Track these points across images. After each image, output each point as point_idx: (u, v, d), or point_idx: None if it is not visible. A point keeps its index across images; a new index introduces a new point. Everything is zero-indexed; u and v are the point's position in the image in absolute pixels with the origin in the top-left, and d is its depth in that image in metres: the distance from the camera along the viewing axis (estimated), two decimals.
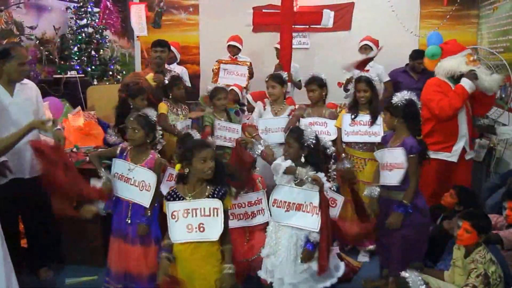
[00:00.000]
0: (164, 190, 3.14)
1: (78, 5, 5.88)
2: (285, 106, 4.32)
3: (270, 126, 4.19)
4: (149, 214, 3.08)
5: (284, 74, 4.33)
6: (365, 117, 3.93)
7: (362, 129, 3.93)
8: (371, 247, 3.94)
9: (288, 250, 2.92)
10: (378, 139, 3.81)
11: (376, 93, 3.95)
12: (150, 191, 3.05)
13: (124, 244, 3.13)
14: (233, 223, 3.45)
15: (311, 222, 2.86)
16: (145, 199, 3.06)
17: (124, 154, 3.17)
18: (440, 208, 3.78)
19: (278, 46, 5.35)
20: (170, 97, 4.21)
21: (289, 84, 4.82)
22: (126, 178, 3.10)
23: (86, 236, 3.79)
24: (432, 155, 3.75)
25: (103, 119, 4.79)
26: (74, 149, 4.05)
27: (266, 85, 4.30)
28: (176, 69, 5.45)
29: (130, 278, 3.11)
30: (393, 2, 6.52)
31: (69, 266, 3.84)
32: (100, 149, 3.82)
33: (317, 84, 4.10)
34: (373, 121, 3.89)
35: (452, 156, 4.05)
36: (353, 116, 3.95)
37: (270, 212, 3.02)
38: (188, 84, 5.41)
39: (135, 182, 3.07)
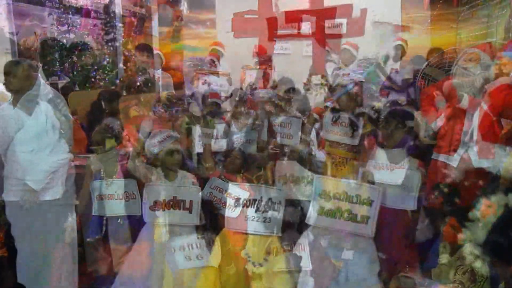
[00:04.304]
0: None
1: (59, 11, 5.82)
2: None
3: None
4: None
5: None
6: (346, 117, 4.02)
7: (342, 131, 4.02)
8: None
9: None
10: (355, 141, 3.95)
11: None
12: (137, 198, 3.03)
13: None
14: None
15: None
16: (135, 209, 3.04)
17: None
18: (427, 209, 3.81)
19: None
20: None
21: None
22: (109, 196, 3.05)
23: None
24: (434, 156, 3.86)
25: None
26: None
27: None
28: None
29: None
30: (374, 7, 6.60)
31: None
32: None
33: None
34: (352, 123, 3.98)
35: (452, 160, 3.74)
36: (334, 119, 4.05)
37: None
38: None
39: (119, 195, 3.02)
